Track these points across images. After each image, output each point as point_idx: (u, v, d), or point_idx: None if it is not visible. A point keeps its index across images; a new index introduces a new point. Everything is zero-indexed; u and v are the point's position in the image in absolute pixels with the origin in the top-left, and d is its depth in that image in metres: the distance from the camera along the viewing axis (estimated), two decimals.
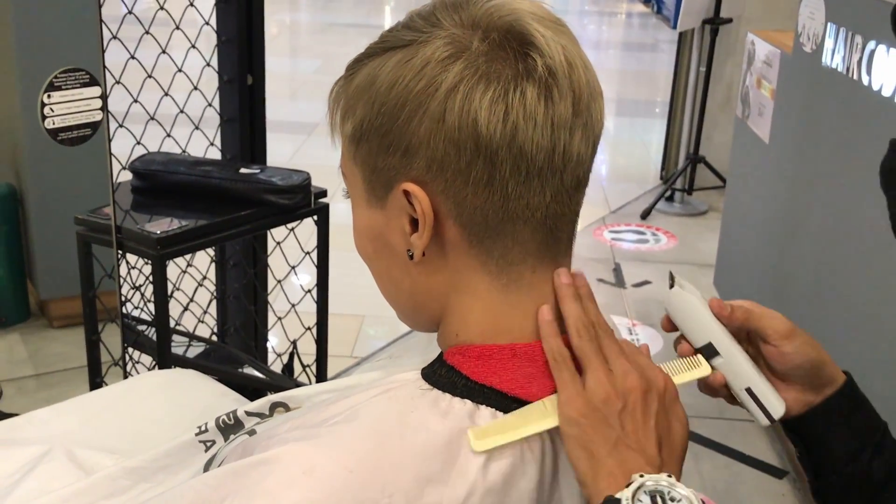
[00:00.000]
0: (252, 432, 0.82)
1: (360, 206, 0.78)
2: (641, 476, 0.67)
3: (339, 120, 0.76)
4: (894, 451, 0.86)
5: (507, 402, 0.72)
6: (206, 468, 0.87)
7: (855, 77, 2.13)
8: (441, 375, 0.74)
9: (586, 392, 0.71)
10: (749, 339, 0.85)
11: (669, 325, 0.83)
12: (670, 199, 4.71)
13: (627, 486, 0.66)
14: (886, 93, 1.96)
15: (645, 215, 4.56)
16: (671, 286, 0.81)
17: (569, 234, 0.77)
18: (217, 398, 1.32)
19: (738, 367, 0.82)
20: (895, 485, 0.85)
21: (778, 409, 0.82)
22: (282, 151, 5.16)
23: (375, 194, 0.75)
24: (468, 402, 0.72)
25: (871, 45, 2.04)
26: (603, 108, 0.74)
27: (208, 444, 0.95)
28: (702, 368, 0.79)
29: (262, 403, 0.91)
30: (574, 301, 0.75)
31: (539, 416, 0.71)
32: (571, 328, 0.73)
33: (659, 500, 0.65)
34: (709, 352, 0.81)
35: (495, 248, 0.73)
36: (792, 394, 0.84)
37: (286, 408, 0.89)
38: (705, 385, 0.83)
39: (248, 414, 0.92)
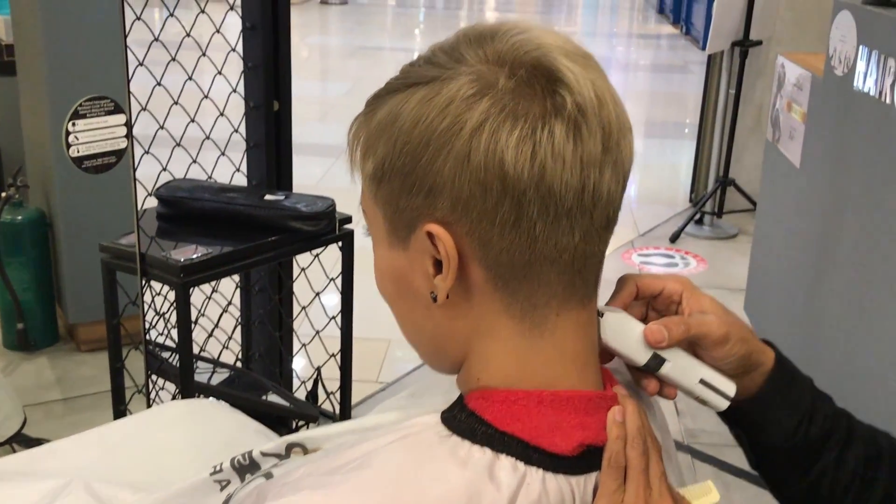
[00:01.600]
0: (269, 475, 0.81)
1: (382, 247, 0.76)
2: None
3: (360, 158, 0.74)
4: (823, 407, 0.88)
5: (528, 452, 0.70)
6: None
7: (888, 101, 2.10)
8: (461, 421, 0.72)
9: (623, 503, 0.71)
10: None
11: (607, 357, 0.81)
12: (700, 222, 4.67)
13: None
14: None
15: (674, 238, 4.52)
16: (601, 315, 0.79)
17: (595, 276, 0.74)
18: (238, 430, 1.31)
19: (686, 365, 0.82)
20: (831, 443, 0.87)
21: (731, 387, 0.83)
22: (311, 174, 5.18)
23: (398, 235, 0.73)
24: (488, 450, 0.69)
25: None
26: (632, 144, 0.72)
27: (223, 483, 0.93)
28: (712, 495, 0.79)
29: (278, 444, 0.90)
30: (641, 414, 0.74)
31: None
32: (630, 436, 0.73)
33: None
34: (657, 363, 0.80)
35: (521, 291, 0.71)
36: None
37: (303, 448, 0.88)
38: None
39: (264, 454, 0.91)
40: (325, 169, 5.46)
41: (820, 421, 0.87)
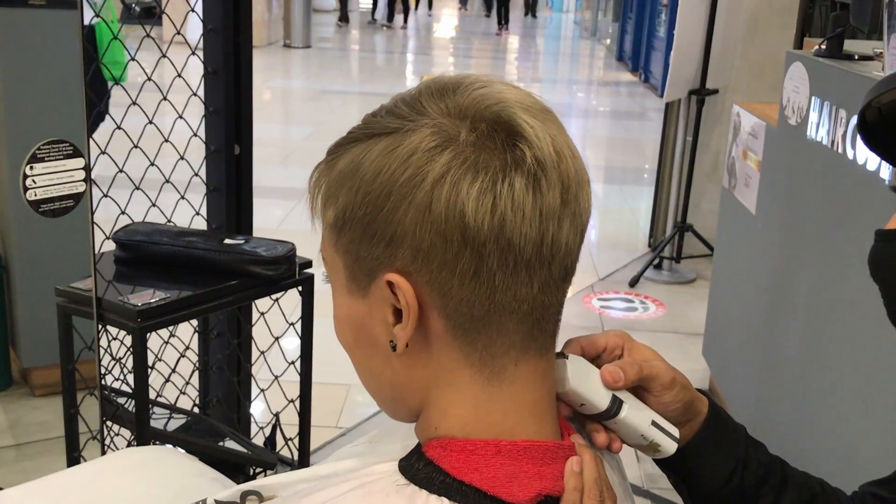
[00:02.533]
0: None
1: (342, 294, 0.76)
2: None
3: (321, 206, 0.74)
4: (756, 454, 0.91)
5: (485, 502, 0.70)
6: None
7: (840, 150, 2.15)
8: (419, 470, 0.72)
9: None
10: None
11: (567, 410, 0.82)
12: (658, 266, 4.72)
13: None
14: (871, 167, 1.97)
15: (633, 283, 4.56)
16: (565, 356, 0.80)
17: (554, 326, 0.75)
18: (193, 478, 1.28)
19: (639, 408, 0.84)
20: (766, 489, 0.90)
21: (676, 431, 0.86)
22: (272, 217, 5.17)
23: (358, 283, 0.73)
24: (445, 500, 0.69)
25: (856, 119, 2.05)
26: (590, 197, 0.73)
27: None
28: None
29: (233, 492, 0.88)
30: (598, 465, 0.75)
31: None
32: (587, 487, 0.73)
33: None
34: (617, 406, 0.82)
35: (479, 341, 0.71)
36: None
37: (259, 496, 0.87)
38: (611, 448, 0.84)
39: (219, 503, 0.89)
40: (285, 212, 5.45)
41: (754, 467, 0.90)
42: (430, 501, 0.69)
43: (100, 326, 1.92)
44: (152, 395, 2.12)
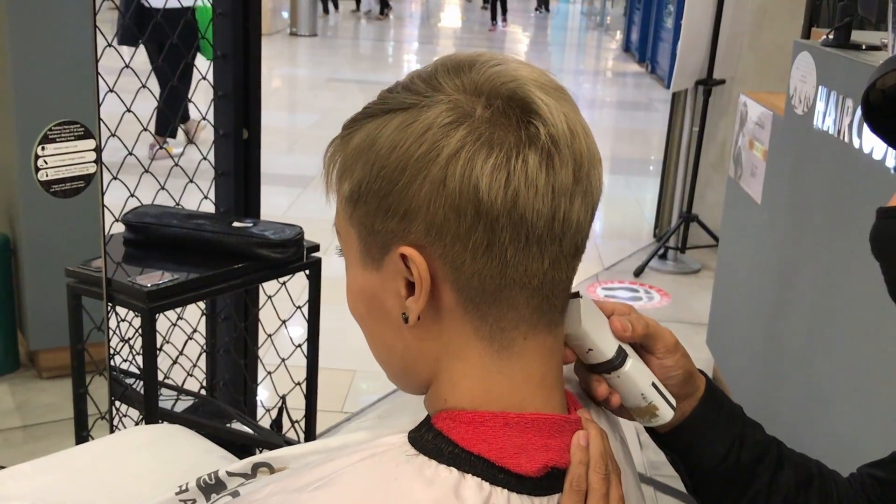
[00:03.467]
0: (235, 493, 0.81)
1: (355, 267, 0.77)
2: None
3: (336, 179, 0.75)
4: (754, 434, 0.92)
5: (494, 472, 0.71)
6: None
7: (846, 140, 2.15)
8: (428, 441, 0.73)
9: None
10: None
11: (573, 357, 0.84)
12: (663, 256, 4.72)
13: None
14: (877, 156, 1.97)
15: (638, 273, 4.57)
16: (579, 296, 0.81)
17: (563, 302, 0.76)
18: (203, 455, 1.30)
19: (641, 368, 0.85)
20: (763, 467, 0.91)
21: (674, 400, 0.87)
22: (277, 204, 5.18)
23: (371, 256, 0.74)
24: (454, 470, 0.70)
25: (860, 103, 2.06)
26: (601, 175, 0.74)
27: (188, 503, 0.93)
28: None
29: (244, 464, 0.90)
30: (604, 439, 0.76)
31: None
32: (593, 460, 0.75)
33: None
34: (621, 357, 0.83)
35: (490, 315, 0.72)
36: None
37: (269, 468, 0.88)
38: (607, 402, 0.85)
39: (231, 474, 0.91)
40: (291, 199, 5.46)
41: (751, 446, 0.91)
42: (439, 471, 0.70)
43: (108, 307, 1.94)
44: (160, 377, 2.13)
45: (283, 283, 2.21)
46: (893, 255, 0.88)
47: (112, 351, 2.10)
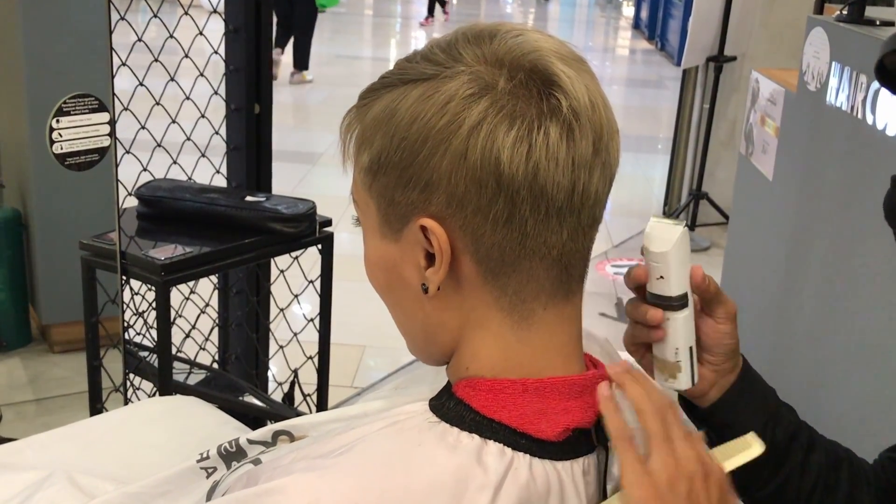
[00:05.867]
0: (257, 461, 0.82)
1: (374, 237, 0.77)
2: None
3: (354, 149, 0.75)
4: (788, 414, 0.94)
5: (515, 438, 0.72)
6: (210, 495, 0.86)
7: (859, 116, 2.14)
8: (449, 408, 0.73)
9: (652, 474, 0.71)
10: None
11: (645, 275, 0.85)
12: None
13: None
14: (890, 132, 1.96)
15: None
16: (688, 226, 0.82)
17: (581, 272, 0.76)
18: (218, 426, 1.31)
19: (690, 327, 0.85)
20: (796, 447, 0.92)
21: (697, 375, 0.87)
22: (287, 180, 5.18)
23: (391, 227, 0.74)
24: (476, 436, 0.71)
25: (876, 84, 2.05)
26: (619, 146, 0.75)
27: (210, 470, 0.94)
28: (753, 449, 0.79)
29: (264, 432, 0.91)
30: (637, 384, 0.75)
31: None
32: (637, 405, 0.74)
33: None
34: (682, 303, 0.83)
35: (510, 285, 0.73)
36: (706, 374, 0.89)
37: (290, 436, 0.89)
38: (642, 316, 0.85)
39: (251, 442, 0.92)
40: (301, 175, 5.46)
41: (784, 425, 0.92)
42: (461, 438, 0.71)
43: (123, 280, 1.95)
44: (173, 350, 2.15)
45: (296, 258, 2.22)
46: None
47: (126, 324, 2.11)
